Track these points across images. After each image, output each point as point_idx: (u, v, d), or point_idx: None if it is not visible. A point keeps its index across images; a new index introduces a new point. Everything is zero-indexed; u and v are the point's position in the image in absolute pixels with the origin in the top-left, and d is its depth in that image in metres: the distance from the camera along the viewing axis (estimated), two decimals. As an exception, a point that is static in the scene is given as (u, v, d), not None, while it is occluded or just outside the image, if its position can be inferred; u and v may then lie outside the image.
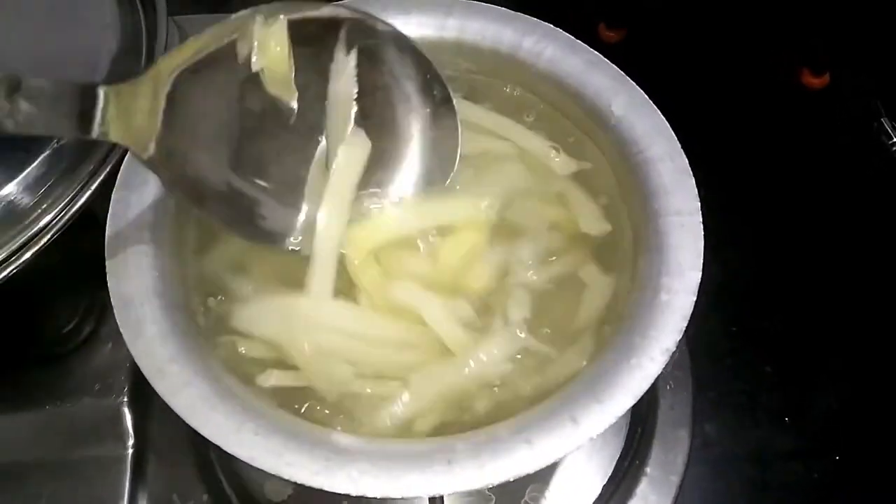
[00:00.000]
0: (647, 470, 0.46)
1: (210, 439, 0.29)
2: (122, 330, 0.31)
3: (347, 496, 0.28)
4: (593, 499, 0.45)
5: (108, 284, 0.32)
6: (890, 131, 0.66)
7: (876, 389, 0.56)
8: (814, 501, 0.53)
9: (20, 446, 0.46)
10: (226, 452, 0.45)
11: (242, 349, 0.35)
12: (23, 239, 0.40)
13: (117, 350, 0.48)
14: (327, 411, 0.34)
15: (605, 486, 0.46)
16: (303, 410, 0.34)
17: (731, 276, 0.58)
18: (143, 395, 0.47)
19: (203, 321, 0.35)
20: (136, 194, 0.35)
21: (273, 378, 0.34)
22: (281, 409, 0.32)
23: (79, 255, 0.47)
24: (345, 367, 0.34)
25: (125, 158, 0.37)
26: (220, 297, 0.36)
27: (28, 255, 0.39)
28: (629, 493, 0.45)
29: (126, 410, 0.46)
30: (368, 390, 0.34)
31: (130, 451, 0.46)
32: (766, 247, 0.62)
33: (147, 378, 0.30)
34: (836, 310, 0.60)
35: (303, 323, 0.34)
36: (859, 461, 0.54)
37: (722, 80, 0.70)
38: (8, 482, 0.45)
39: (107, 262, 0.33)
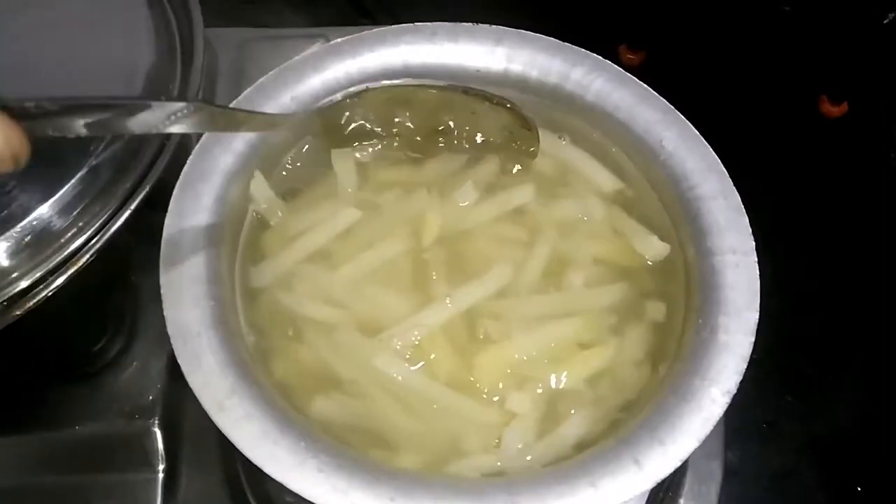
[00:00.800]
0: (681, 502, 0.46)
1: (272, 476, 0.29)
2: (179, 361, 0.31)
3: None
4: (627, 530, 0.45)
5: (165, 314, 0.32)
6: (907, 160, 0.67)
7: (897, 419, 0.57)
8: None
9: (51, 467, 0.45)
10: (256, 476, 0.46)
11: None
12: (56, 262, 0.39)
13: (147, 370, 0.47)
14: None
15: (638, 517, 0.46)
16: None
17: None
18: (174, 416, 0.46)
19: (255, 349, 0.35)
20: (189, 222, 0.35)
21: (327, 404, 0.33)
22: (341, 443, 0.31)
23: (110, 273, 0.46)
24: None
25: (176, 186, 0.36)
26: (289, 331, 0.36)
27: (61, 279, 0.39)
28: (663, 525, 0.45)
29: (157, 431, 0.45)
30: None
31: (161, 474, 0.45)
32: (781, 274, 0.62)
33: (207, 412, 0.30)
34: (853, 338, 0.60)
35: (373, 375, 0.34)
36: (880, 492, 0.54)
37: (740, 107, 0.70)
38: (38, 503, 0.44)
39: (162, 291, 0.33)
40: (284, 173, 0.41)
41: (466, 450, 0.34)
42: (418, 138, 0.41)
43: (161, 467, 0.45)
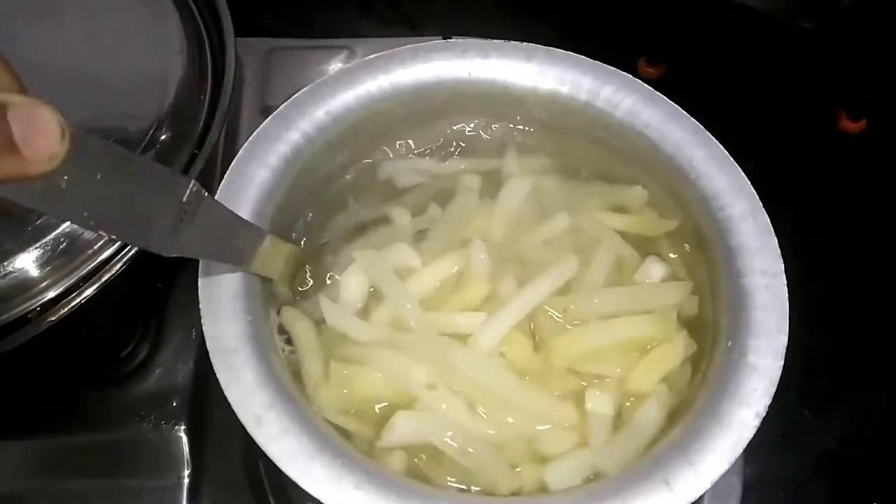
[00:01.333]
0: (701, 517, 0.46)
1: (309, 492, 0.29)
2: (218, 376, 0.31)
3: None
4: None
5: (204, 328, 0.32)
6: (926, 176, 0.67)
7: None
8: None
9: (78, 470, 0.45)
10: (279, 483, 0.46)
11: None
12: (87, 270, 0.40)
13: (173, 376, 0.48)
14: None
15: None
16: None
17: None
18: (200, 424, 0.47)
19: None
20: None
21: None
22: (375, 461, 0.32)
23: (138, 280, 0.47)
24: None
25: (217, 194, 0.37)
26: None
27: (92, 288, 0.39)
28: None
29: (183, 437, 0.46)
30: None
31: (187, 479, 0.46)
32: (802, 290, 0.63)
33: (245, 426, 0.30)
34: (869, 352, 0.60)
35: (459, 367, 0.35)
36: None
37: (759, 122, 0.70)
38: (66, 506, 0.45)
39: (201, 306, 0.33)
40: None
41: (547, 454, 0.34)
42: None
43: (186, 472, 0.46)
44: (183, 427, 0.46)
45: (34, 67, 0.41)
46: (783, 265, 0.36)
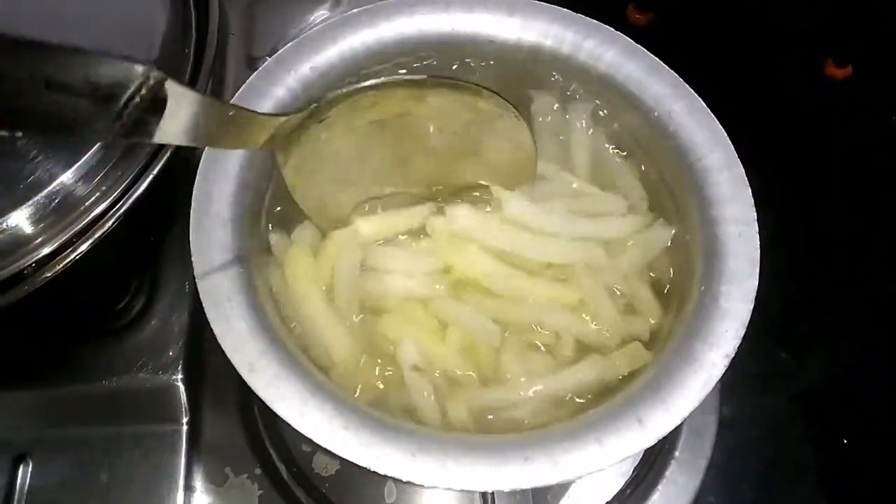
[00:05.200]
0: (676, 454, 0.49)
1: (302, 432, 0.31)
2: (212, 326, 0.33)
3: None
4: (625, 480, 0.48)
5: (196, 281, 0.33)
6: (912, 123, 0.68)
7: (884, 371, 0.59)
8: (822, 481, 0.56)
9: (78, 420, 0.47)
10: (274, 427, 0.48)
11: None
12: (80, 226, 0.40)
13: (169, 327, 0.49)
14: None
15: (635, 468, 0.48)
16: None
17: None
18: (196, 372, 0.48)
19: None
20: (217, 187, 0.36)
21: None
22: (367, 405, 0.33)
23: (132, 234, 0.48)
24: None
25: (203, 153, 0.37)
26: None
27: (86, 245, 0.40)
28: (659, 475, 0.48)
29: (180, 386, 0.47)
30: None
31: (185, 426, 0.47)
32: (782, 235, 0.64)
33: (239, 372, 0.32)
34: (845, 298, 0.62)
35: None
36: (865, 445, 0.57)
37: (745, 69, 0.71)
38: (66, 453, 0.46)
39: (193, 259, 0.34)
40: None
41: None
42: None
43: (185, 420, 0.47)
44: (180, 376, 0.47)
45: (15, 18, 0.41)
46: (755, 214, 0.37)
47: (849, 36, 0.72)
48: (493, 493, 0.43)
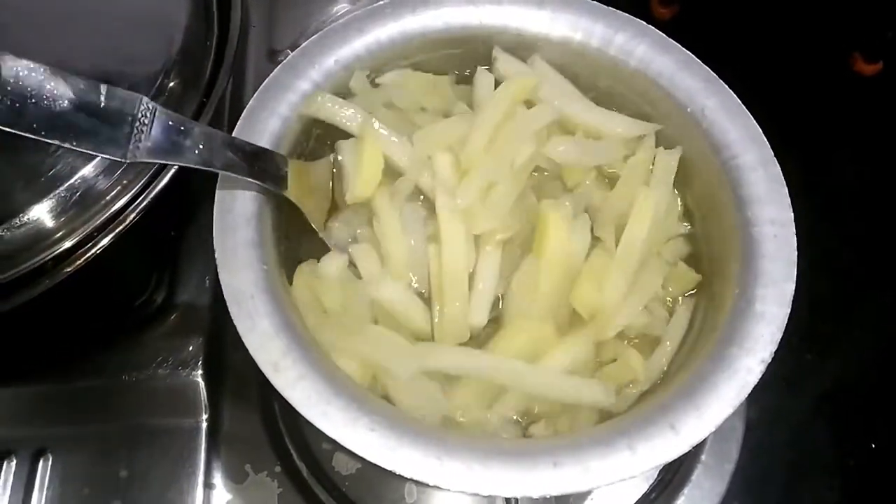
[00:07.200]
0: (703, 458, 0.48)
1: (325, 433, 0.30)
2: (235, 323, 0.32)
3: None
4: (649, 485, 0.47)
5: (220, 277, 0.33)
6: (942, 120, 0.66)
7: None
8: (849, 486, 0.55)
9: (97, 415, 0.47)
10: (294, 423, 0.48)
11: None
12: (101, 220, 0.40)
13: (189, 322, 0.49)
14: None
15: (660, 472, 0.48)
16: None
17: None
18: (216, 368, 0.48)
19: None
20: (242, 182, 0.36)
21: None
22: (390, 405, 0.33)
23: (152, 229, 0.47)
24: None
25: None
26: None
27: (107, 238, 0.39)
28: (685, 480, 0.47)
29: (200, 382, 0.47)
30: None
31: (205, 423, 0.47)
32: (808, 233, 0.63)
33: (263, 371, 0.31)
34: (872, 298, 0.61)
35: None
36: (895, 450, 0.56)
37: (773, 64, 0.69)
38: (86, 448, 0.46)
39: (216, 255, 0.34)
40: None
41: None
42: None
43: (205, 416, 0.47)
44: (200, 372, 0.47)
45: (41, 11, 0.41)
46: (792, 214, 0.36)
47: (878, 31, 0.70)
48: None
